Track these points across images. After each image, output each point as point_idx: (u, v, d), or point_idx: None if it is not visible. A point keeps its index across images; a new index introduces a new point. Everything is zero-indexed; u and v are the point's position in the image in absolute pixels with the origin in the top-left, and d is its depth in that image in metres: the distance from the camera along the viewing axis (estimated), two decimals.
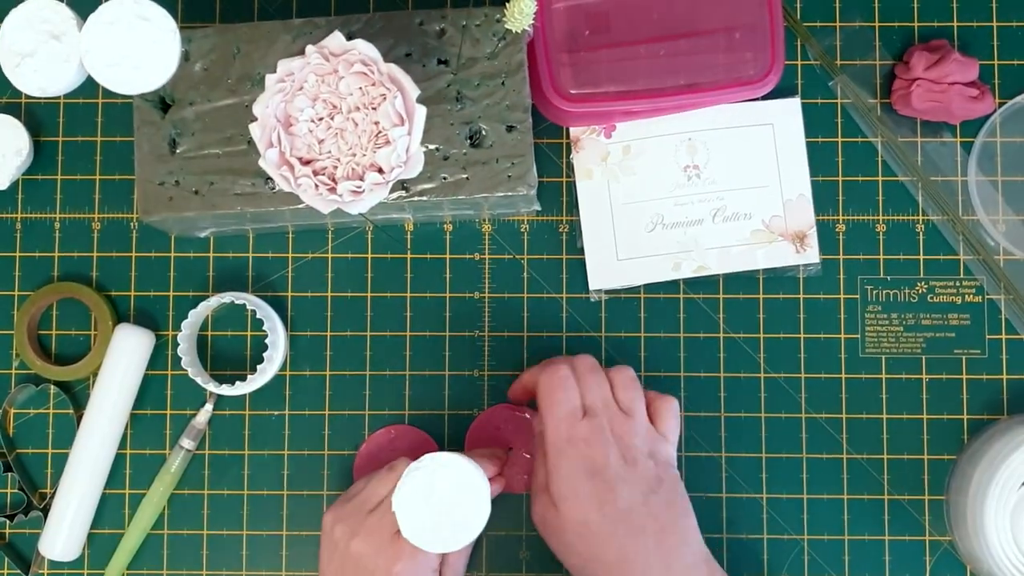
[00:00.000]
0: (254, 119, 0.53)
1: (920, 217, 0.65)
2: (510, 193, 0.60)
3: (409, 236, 0.66)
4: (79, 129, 0.67)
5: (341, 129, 0.52)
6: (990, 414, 0.64)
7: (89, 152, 0.66)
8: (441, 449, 0.62)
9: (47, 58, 0.53)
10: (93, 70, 0.53)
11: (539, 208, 0.65)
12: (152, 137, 0.60)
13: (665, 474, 0.55)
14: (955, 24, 0.66)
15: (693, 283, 0.65)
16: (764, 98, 0.64)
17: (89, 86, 0.55)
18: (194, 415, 0.64)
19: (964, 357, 0.64)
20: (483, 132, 0.60)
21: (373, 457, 0.64)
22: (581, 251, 0.65)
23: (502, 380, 0.65)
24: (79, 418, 0.64)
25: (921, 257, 0.65)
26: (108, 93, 0.58)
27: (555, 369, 0.56)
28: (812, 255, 0.64)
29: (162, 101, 0.60)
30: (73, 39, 0.53)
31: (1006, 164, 0.65)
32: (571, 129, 0.65)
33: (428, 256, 0.65)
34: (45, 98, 0.63)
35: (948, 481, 0.63)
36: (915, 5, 0.66)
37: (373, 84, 0.52)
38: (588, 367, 0.56)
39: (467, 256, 0.65)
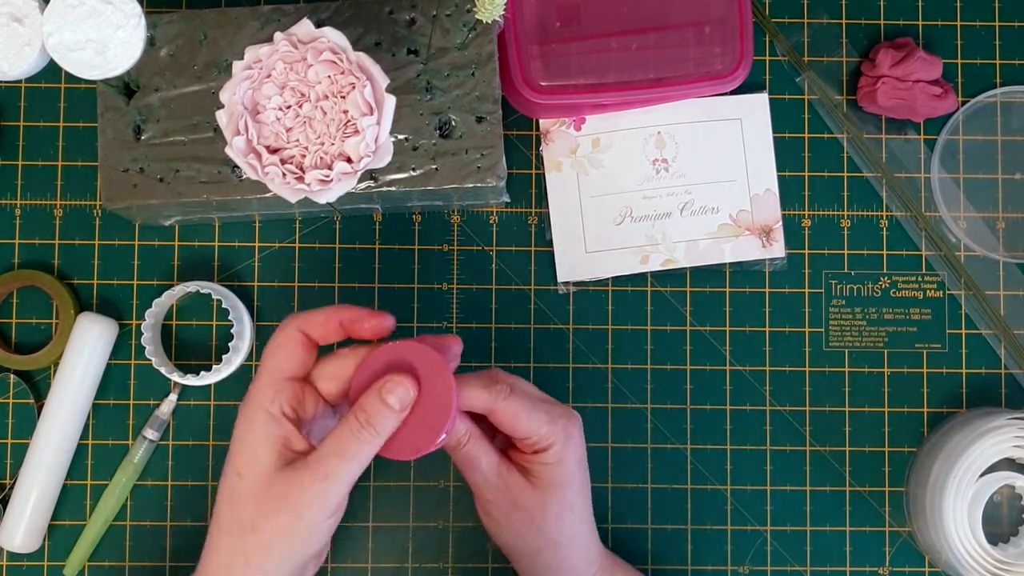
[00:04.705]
0: (221, 106, 0.52)
1: (884, 213, 0.66)
2: (479, 184, 0.60)
3: (377, 226, 0.65)
4: (41, 114, 0.65)
5: (309, 117, 0.52)
6: (949, 407, 0.65)
7: (51, 138, 0.65)
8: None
9: (8, 41, 0.52)
10: (56, 54, 0.52)
11: (508, 200, 0.65)
12: (116, 123, 0.60)
13: None
14: (920, 23, 0.67)
15: (660, 276, 0.65)
16: (732, 93, 0.64)
17: (52, 71, 0.54)
18: (158, 405, 0.64)
19: (925, 351, 0.65)
20: (453, 123, 0.60)
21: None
22: (550, 243, 0.65)
23: (470, 371, 0.64)
24: (40, 408, 0.63)
25: (884, 252, 0.66)
26: (71, 78, 0.57)
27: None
28: (778, 249, 0.65)
29: (126, 87, 0.60)
30: (36, 22, 0.52)
31: (968, 162, 0.66)
32: (541, 121, 0.65)
33: (396, 247, 0.65)
34: (6, 82, 0.62)
35: (908, 473, 0.65)
36: (881, 3, 0.67)
37: (342, 73, 0.52)
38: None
39: (435, 247, 0.65)
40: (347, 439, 0.47)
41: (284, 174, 0.51)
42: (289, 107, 0.52)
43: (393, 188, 0.59)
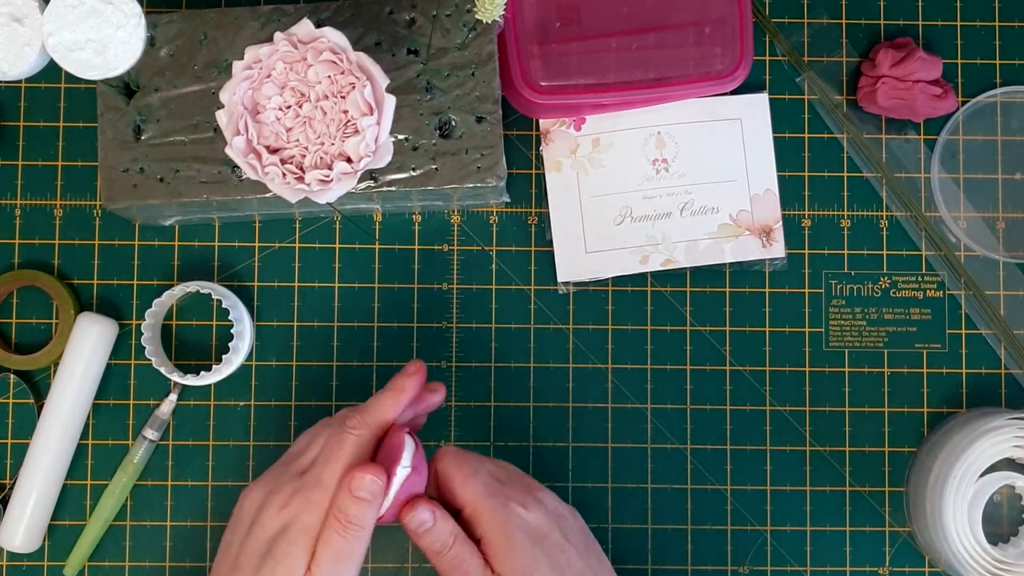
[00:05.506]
0: (221, 106, 0.52)
1: (884, 213, 0.66)
2: (479, 184, 0.60)
3: (377, 226, 0.65)
4: (41, 114, 0.65)
5: (309, 118, 0.52)
6: (949, 407, 0.65)
7: (51, 138, 0.65)
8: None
9: (8, 41, 0.52)
10: (56, 54, 0.52)
11: (508, 200, 0.65)
12: (116, 123, 0.60)
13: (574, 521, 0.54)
14: (920, 23, 0.67)
15: (660, 276, 0.65)
16: (732, 93, 0.64)
17: (52, 71, 0.54)
18: (158, 405, 0.64)
19: (925, 351, 0.65)
20: (453, 123, 0.60)
21: None
22: (550, 243, 0.65)
23: (470, 371, 0.65)
24: (40, 408, 0.63)
25: (884, 252, 0.66)
26: (71, 78, 0.57)
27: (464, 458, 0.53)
28: (778, 249, 0.65)
29: (126, 87, 0.60)
30: (36, 22, 0.52)
31: (968, 162, 0.66)
32: (541, 121, 0.65)
33: (396, 247, 0.65)
34: (6, 82, 0.62)
35: (908, 473, 0.65)
36: (881, 3, 0.67)
37: (342, 73, 0.52)
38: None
39: (435, 247, 0.65)
40: (336, 543, 0.49)
41: (284, 174, 0.51)
42: (289, 107, 0.52)
43: (393, 188, 0.59)
